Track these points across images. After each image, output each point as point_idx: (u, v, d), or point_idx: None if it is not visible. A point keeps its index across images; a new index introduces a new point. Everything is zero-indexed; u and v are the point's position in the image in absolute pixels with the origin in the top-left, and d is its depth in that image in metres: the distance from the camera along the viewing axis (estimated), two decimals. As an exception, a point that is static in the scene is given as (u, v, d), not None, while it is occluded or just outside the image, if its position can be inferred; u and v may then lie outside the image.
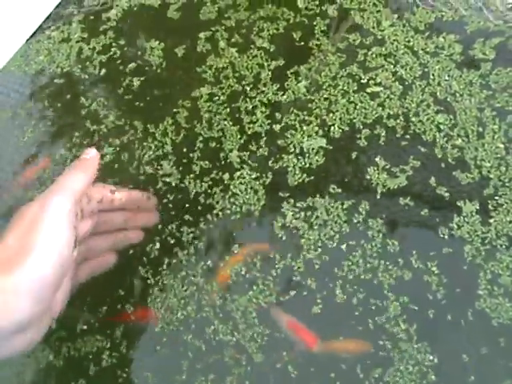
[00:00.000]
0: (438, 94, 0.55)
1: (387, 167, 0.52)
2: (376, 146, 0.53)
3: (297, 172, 0.52)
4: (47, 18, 0.62)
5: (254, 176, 0.52)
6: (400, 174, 0.51)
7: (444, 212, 0.49)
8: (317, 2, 0.62)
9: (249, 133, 0.55)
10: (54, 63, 0.61)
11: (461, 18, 0.59)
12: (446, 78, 0.56)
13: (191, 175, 0.53)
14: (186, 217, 0.51)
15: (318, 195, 0.50)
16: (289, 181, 0.52)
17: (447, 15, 0.60)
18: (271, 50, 0.60)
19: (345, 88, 0.56)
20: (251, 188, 0.52)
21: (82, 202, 0.41)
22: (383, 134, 0.53)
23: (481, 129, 0.52)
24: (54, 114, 0.59)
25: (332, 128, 0.54)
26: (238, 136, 0.55)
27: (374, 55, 0.58)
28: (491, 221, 0.48)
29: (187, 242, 0.50)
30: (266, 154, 0.53)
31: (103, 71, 0.61)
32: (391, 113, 0.55)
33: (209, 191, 0.52)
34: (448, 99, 0.54)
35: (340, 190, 0.51)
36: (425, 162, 0.51)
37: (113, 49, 0.62)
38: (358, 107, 0.55)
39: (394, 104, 0.55)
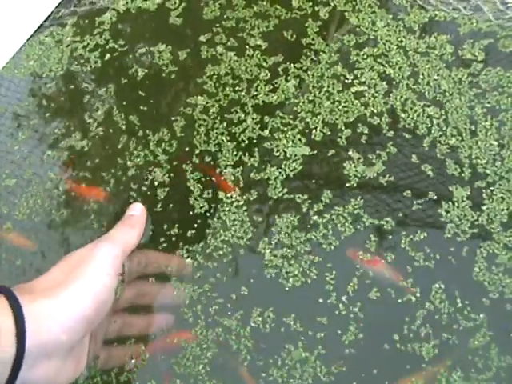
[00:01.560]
0: (426, 93, 0.55)
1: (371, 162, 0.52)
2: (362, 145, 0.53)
3: (278, 186, 0.52)
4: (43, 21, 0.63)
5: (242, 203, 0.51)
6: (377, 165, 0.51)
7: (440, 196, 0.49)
8: (310, 4, 0.62)
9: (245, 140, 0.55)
10: (46, 67, 0.61)
11: (454, 18, 0.59)
12: (436, 77, 0.56)
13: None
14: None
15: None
16: (269, 194, 0.51)
17: (440, 15, 0.60)
18: (264, 47, 0.60)
19: (329, 89, 0.56)
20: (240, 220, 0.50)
21: (131, 265, 0.44)
22: (366, 131, 0.54)
23: (473, 127, 0.52)
24: (43, 116, 0.59)
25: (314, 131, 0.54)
26: (233, 149, 0.54)
27: (365, 55, 0.58)
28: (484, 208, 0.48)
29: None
30: (255, 164, 0.53)
31: (96, 73, 0.61)
32: (375, 111, 0.55)
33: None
34: (438, 98, 0.54)
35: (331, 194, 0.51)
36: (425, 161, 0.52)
37: (109, 45, 0.62)
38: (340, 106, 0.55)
39: (378, 102, 0.55)
